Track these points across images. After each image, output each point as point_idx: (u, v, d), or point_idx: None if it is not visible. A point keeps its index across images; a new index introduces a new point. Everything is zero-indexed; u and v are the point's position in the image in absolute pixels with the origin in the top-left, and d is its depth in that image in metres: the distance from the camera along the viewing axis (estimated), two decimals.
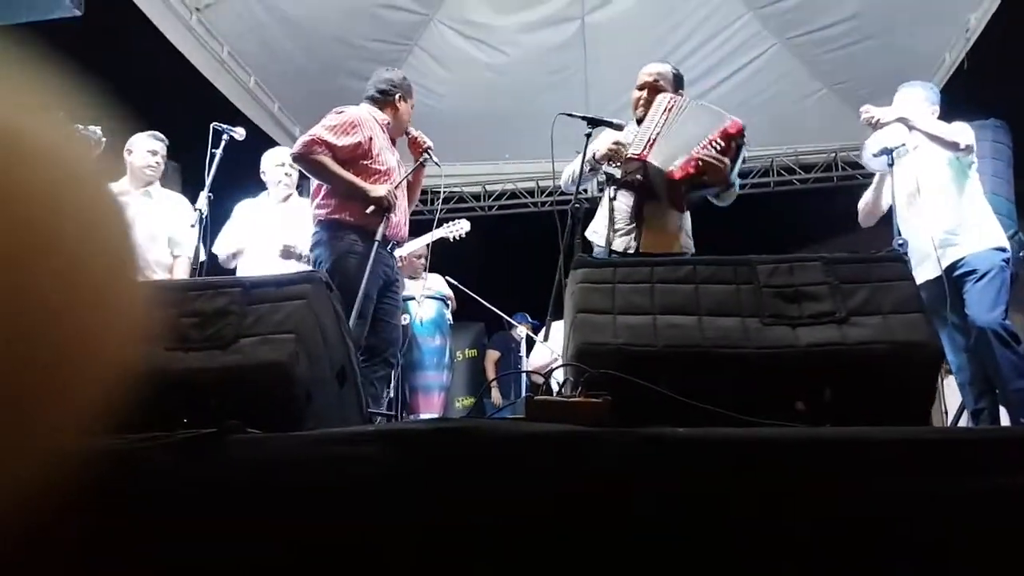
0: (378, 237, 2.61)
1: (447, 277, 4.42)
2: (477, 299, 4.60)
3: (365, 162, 2.69)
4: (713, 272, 1.25)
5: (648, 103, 2.50)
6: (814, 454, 0.95)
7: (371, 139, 2.71)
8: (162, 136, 3.21)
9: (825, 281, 1.17)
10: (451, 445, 1.02)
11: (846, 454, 0.94)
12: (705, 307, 1.19)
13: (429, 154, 2.84)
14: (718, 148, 2.24)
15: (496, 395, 5.10)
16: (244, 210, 3.44)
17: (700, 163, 2.23)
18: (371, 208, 2.63)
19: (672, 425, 1.00)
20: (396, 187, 2.72)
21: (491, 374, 5.56)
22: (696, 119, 2.35)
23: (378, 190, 2.64)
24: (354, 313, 2.41)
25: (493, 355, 5.78)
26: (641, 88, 2.60)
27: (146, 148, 3.15)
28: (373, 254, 2.56)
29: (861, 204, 3.18)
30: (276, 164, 3.38)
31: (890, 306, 1.16)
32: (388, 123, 2.84)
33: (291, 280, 1.34)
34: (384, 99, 2.86)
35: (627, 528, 0.93)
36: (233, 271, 3.34)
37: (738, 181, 2.46)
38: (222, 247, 3.37)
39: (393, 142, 2.88)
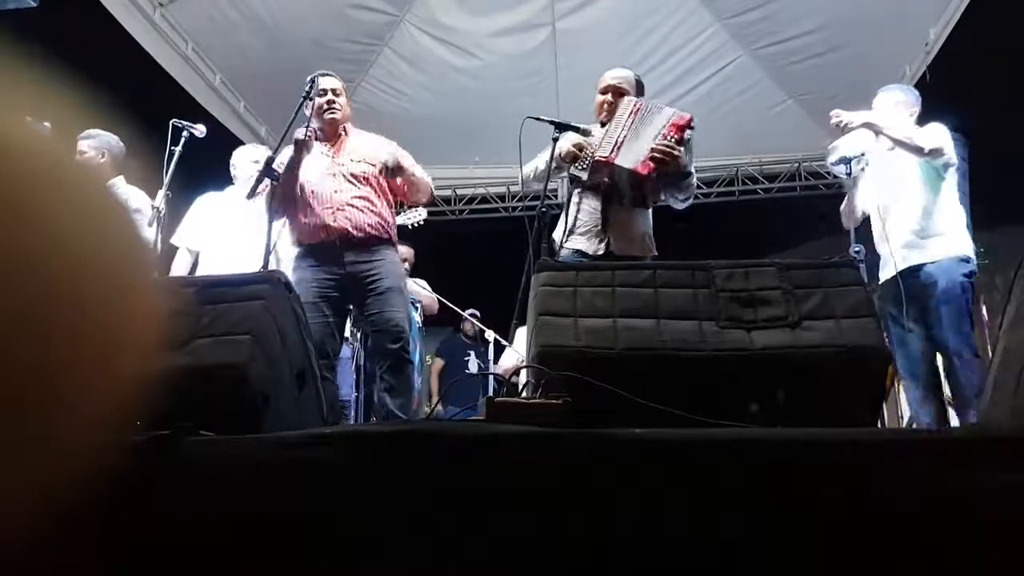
0: None
1: (418, 279, 4.38)
2: (441, 299, 4.56)
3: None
4: (673, 276, 1.27)
5: (612, 107, 2.54)
6: (768, 455, 0.96)
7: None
8: (92, 132, 3.00)
9: (779, 286, 1.20)
10: (411, 447, 1.01)
11: (798, 455, 0.96)
12: (664, 310, 1.21)
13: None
14: (674, 140, 2.36)
15: (440, 410, 4.71)
16: (206, 205, 3.30)
17: (659, 155, 2.34)
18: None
19: (630, 426, 1.01)
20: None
21: (435, 386, 5.26)
22: (653, 118, 2.43)
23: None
24: None
25: (437, 365, 5.44)
26: (604, 92, 2.62)
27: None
28: None
29: (842, 206, 3.18)
30: (251, 160, 3.27)
31: (842, 311, 1.18)
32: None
33: (248, 280, 1.32)
34: None
35: (587, 528, 0.93)
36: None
37: (694, 171, 2.58)
38: (184, 239, 3.24)
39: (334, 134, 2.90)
